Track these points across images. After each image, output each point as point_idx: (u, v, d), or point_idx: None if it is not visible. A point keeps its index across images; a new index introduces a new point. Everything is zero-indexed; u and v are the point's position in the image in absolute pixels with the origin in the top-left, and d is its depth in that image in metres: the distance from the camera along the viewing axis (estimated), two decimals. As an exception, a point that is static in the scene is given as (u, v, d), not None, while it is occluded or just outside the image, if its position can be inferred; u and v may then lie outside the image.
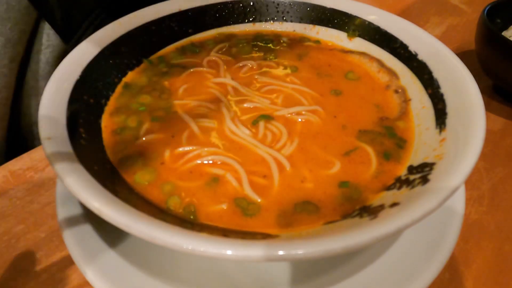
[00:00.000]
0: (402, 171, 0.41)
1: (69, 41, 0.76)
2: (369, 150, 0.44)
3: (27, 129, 0.80)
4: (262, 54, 0.60)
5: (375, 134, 0.46)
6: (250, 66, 0.57)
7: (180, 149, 0.43)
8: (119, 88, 0.51)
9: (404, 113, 0.48)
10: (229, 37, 0.63)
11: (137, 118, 0.47)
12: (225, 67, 0.57)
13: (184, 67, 0.56)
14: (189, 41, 0.61)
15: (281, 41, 0.62)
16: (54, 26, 0.73)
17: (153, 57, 0.57)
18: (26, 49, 0.73)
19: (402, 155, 0.43)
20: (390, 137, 0.45)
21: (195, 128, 0.46)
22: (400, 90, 0.51)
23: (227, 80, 0.54)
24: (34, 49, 0.74)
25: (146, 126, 0.46)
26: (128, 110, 0.48)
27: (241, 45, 0.61)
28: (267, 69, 0.56)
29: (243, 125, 0.46)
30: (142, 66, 0.55)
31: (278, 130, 0.46)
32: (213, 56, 0.59)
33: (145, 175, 0.40)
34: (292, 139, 0.45)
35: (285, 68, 0.57)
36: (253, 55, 0.60)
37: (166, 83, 0.53)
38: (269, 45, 0.61)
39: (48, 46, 0.74)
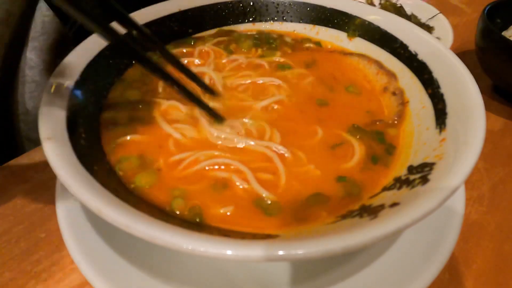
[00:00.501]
0: (402, 172, 0.41)
1: (67, 22, 0.74)
2: (356, 145, 0.44)
3: (21, 117, 0.80)
4: (259, 52, 0.59)
5: (366, 133, 0.46)
6: (240, 61, 0.57)
7: (177, 156, 0.42)
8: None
9: (400, 117, 0.48)
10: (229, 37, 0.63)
11: (127, 115, 0.47)
12: (214, 58, 0.57)
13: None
14: (189, 41, 0.61)
15: (281, 41, 0.62)
16: (52, 6, 0.73)
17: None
18: (20, 36, 0.72)
19: (390, 160, 0.43)
20: (380, 142, 0.46)
21: (177, 135, 0.45)
22: (397, 92, 0.51)
23: (206, 69, 0.54)
24: (29, 36, 0.74)
25: (134, 124, 0.46)
26: (119, 106, 0.48)
27: (240, 42, 0.61)
28: (258, 67, 0.56)
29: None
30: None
31: (260, 125, 0.46)
32: (207, 47, 0.59)
33: (144, 178, 0.40)
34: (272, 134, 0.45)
35: (282, 67, 0.56)
36: (248, 53, 0.59)
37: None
38: (268, 45, 0.61)
39: (43, 33, 0.74)
